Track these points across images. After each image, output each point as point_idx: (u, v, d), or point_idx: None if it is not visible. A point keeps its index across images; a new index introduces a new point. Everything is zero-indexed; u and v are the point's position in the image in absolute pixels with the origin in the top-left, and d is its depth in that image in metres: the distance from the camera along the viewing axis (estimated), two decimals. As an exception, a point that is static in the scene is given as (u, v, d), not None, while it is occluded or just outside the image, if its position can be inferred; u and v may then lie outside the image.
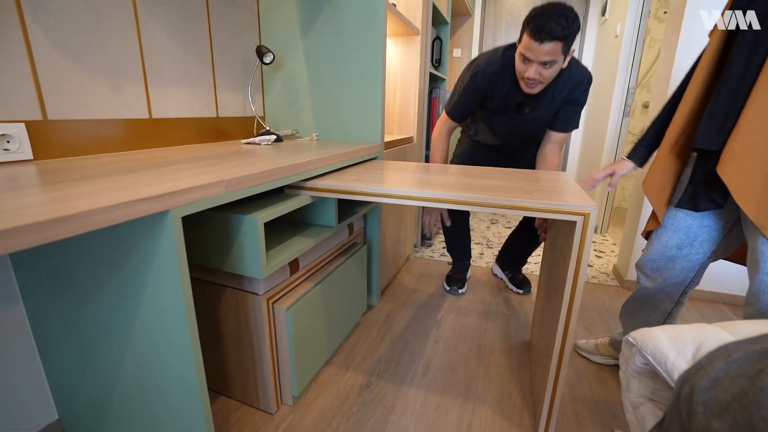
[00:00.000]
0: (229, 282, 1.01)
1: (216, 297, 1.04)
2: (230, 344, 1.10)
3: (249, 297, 0.99)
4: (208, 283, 1.04)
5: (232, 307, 1.03)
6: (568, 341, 0.91)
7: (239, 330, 1.05)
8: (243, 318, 1.03)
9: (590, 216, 0.81)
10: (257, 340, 1.03)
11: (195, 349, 0.70)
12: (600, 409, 1.16)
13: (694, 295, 1.89)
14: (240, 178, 0.76)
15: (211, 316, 1.07)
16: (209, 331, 1.09)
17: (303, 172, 0.99)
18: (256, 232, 0.85)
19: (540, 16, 1.12)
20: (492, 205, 0.88)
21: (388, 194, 0.96)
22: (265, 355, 1.04)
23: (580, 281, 0.86)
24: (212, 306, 1.06)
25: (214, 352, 1.12)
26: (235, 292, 1.00)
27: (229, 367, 1.12)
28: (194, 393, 0.72)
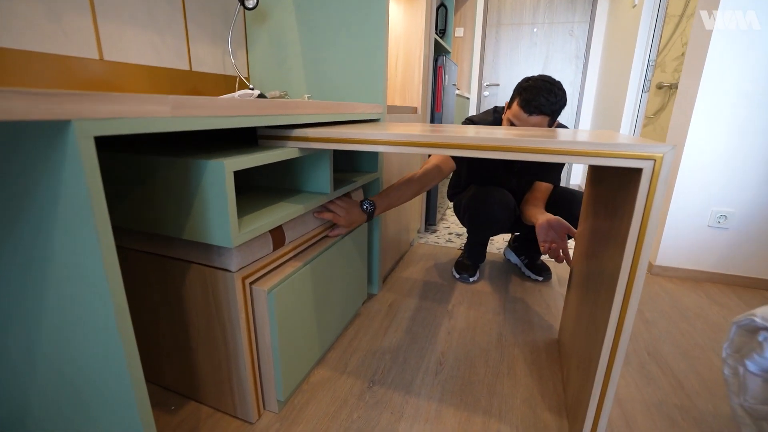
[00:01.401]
0: (193, 256, 0.80)
1: (178, 276, 0.83)
2: (199, 336, 0.88)
3: (219, 274, 0.77)
4: (167, 258, 0.82)
5: (199, 288, 0.81)
6: (620, 347, 0.70)
7: (208, 317, 0.84)
8: (213, 302, 0.81)
9: (664, 160, 0.60)
10: (231, 330, 0.81)
11: (124, 334, 0.48)
12: (653, 412, 0.95)
13: (732, 281, 1.69)
14: (194, 99, 0.55)
15: (172, 301, 0.86)
16: (170, 319, 0.88)
17: (288, 114, 0.77)
18: (222, 183, 0.63)
19: (531, 89, 1.22)
20: (532, 149, 0.67)
21: (399, 140, 0.75)
22: (242, 349, 0.82)
23: (642, 265, 0.65)
24: (174, 287, 0.84)
25: (178, 346, 0.90)
26: (201, 268, 0.79)
27: (199, 366, 0.91)
28: (127, 394, 0.51)
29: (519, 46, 3.61)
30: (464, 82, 3.64)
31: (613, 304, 0.69)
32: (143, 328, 0.93)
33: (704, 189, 1.64)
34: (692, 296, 1.58)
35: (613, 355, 0.72)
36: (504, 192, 1.42)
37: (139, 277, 0.86)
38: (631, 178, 0.67)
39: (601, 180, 0.91)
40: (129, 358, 0.49)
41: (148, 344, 0.95)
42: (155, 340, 0.93)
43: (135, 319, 0.93)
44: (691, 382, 1.06)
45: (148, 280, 0.87)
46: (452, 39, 3.46)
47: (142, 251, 0.85)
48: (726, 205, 1.63)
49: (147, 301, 0.89)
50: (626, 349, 0.71)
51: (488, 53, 3.69)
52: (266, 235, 0.83)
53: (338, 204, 1.06)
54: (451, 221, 2.54)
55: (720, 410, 0.96)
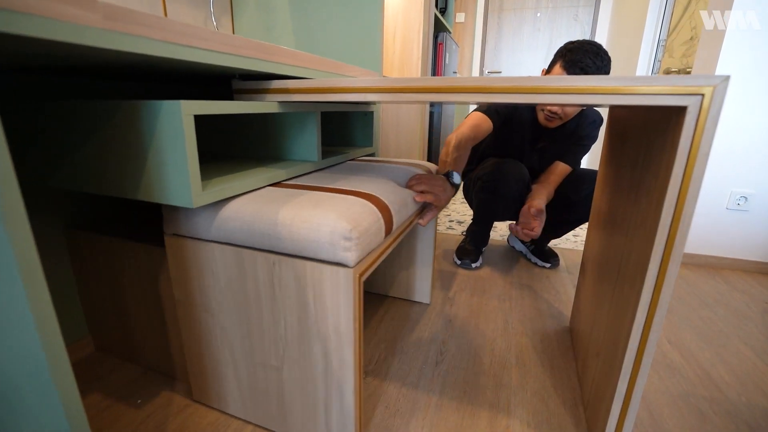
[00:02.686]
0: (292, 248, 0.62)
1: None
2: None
3: (330, 271, 0.59)
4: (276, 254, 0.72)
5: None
6: (651, 336, 0.60)
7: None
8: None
9: (714, 95, 0.49)
10: (338, 344, 0.71)
11: (40, 311, 0.37)
12: (680, 405, 0.85)
13: (753, 267, 1.58)
14: (137, 13, 0.44)
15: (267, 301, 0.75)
16: (272, 322, 0.77)
17: (265, 60, 0.67)
18: (179, 130, 0.53)
19: (577, 50, 1.10)
20: (555, 89, 0.56)
21: (403, 86, 0.64)
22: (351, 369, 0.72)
23: (685, 223, 0.54)
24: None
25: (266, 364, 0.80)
26: (304, 263, 0.61)
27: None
28: (54, 408, 0.40)
29: (521, 31, 3.49)
30: (465, 69, 3.53)
31: (643, 289, 0.59)
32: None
33: (723, 169, 1.53)
34: (711, 282, 1.47)
35: (643, 345, 0.62)
36: (521, 166, 1.32)
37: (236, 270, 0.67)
38: (669, 127, 0.56)
39: (624, 141, 0.81)
40: (56, 373, 0.38)
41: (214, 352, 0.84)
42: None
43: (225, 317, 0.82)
44: (719, 372, 0.96)
45: (245, 274, 0.76)
46: (453, 23, 3.35)
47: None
48: (746, 186, 1.52)
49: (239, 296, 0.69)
50: (658, 337, 0.61)
51: (490, 39, 3.58)
52: (379, 219, 0.66)
53: (431, 181, 0.88)
54: (451, 209, 2.43)
55: (755, 402, 0.86)
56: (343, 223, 0.57)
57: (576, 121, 1.33)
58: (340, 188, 0.72)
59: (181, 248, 0.70)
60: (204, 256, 0.68)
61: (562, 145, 1.37)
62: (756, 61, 1.41)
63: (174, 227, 0.69)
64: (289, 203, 0.63)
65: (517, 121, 1.37)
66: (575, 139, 1.35)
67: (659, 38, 2.34)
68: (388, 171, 0.91)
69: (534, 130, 1.37)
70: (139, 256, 0.80)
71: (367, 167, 0.95)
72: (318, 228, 0.58)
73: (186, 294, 0.73)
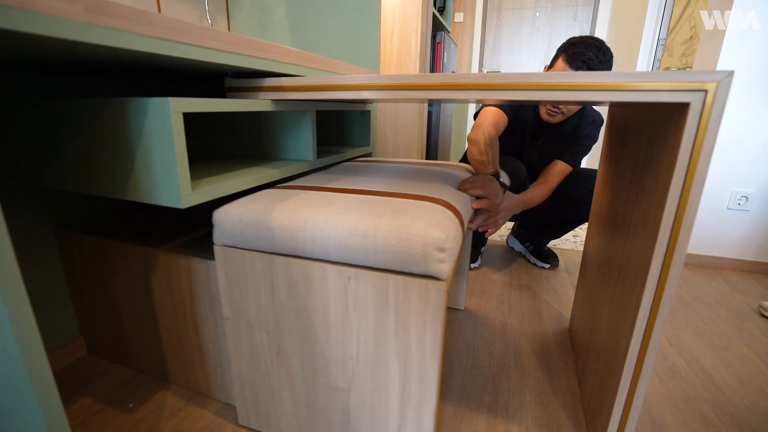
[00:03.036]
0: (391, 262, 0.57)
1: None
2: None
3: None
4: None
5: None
6: (653, 338, 0.59)
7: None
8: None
9: (718, 91, 0.48)
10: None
11: (19, 320, 0.36)
12: (681, 408, 0.83)
13: (754, 268, 1.57)
14: (120, 6, 0.43)
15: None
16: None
17: (257, 57, 0.65)
18: (168, 127, 0.51)
19: (579, 44, 1.09)
20: (555, 86, 0.54)
21: (400, 83, 0.62)
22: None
23: (687, 222, 0.53)
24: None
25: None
26: (395, 278, 0.55)
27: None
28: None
29: (521, 31, 3.48)
30: (464, 68, 3.52)
31: (644, 290, 0.58)
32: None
33: (723, 168, 1.52)
34: (712, 283, 1.46)
35: (645, 347, 0.60)
36: (518, 163, 1.31)
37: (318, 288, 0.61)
38: (671, 124, 0.55)
39: (624, 140, 0.79)
40: (37, 385, 0.37)
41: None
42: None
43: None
44: (721, 374, 0.95)
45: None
46: (452, 23, 3.34)
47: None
48: (747, 185, 1.51)
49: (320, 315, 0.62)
50: (660, 339, 0.59)
51: (489, 39, 3.57)
52: (458, 227, 0.60)
53: (486, 184, 0.82)
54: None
55: (758, 406, 0.84)
56: (437, 232, 0.52)
57: (576, 119, 1.32)
58: (405, 193, 0.68)
59: (234, 260, 0.64)
60: (262, 269, 0.62)
61: (561, 144, 1.36)
62: (756, 60, 1.39)
63: (226, 237, 0.63)
64: (365, 211, 0.58)
65: (519, 117, 1.36)
66: (575, 139, 1.34)
67: (659, 37, 2.33)
68: (436, 174, 0.87)
69: (535, 126, 1.36)
70: (132, 257, 0.79)
71: (408, 170, 0.91)
72: (408, 238, 0.52)
73: (237, 311, 0.66)
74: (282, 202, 0.63)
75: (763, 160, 1.47)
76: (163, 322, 0.81)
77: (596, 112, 1.36)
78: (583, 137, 1.34)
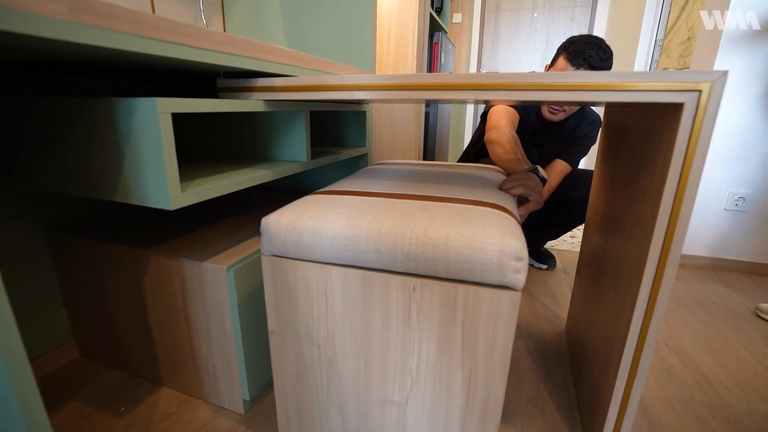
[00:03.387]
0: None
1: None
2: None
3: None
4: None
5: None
6: (649, 340, 0.58)
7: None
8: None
9: (712, 91, 0.47)
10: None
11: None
12: (678, 410, 0.83)
13: (752, 269, 1.57)
14: (105, 5, 0.42)
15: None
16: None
17: (249, 57, 0.64)
18: (156, 128, 0.50)
19: (580, 42, 1.10)
20: (549, 86, 0.54)
21: (394, 83, 0.62)
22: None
23: (682, 224, 0.52)
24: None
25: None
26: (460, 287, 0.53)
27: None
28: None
29: (519, 32, 3.48)
30: (462, 69, 3.51)
31: (640, 291, 0.57)
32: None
33: (720, 169, 1.51)
34: (709, 284, 1.45)
35: (640, 349, 0.60)
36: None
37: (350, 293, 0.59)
38: (665, 125, 0.54)
39: (620, 141, 0.79)
40: (20, 394, 0.36)
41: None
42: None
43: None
44: (718, 376, 0.94)
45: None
46: (450, 23, 3.34)
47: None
48: (744, 186, 1.50)
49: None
50: (655, 341, 0.59)
51: (487, 40, 3.56)
52: (521, 233, 0.56)
53: (528, 182, 0.81)
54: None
55: (755, 408, 0.84)
56: (513, 241, 0.50)
57: (577, 119, 1.33)
58: (459, 198, 0.66)
59: (285, 271, 0.60)
60: (317, 280, 0.59)
61: (561, 143, 1.36)
62: (753, 60, 1.39)
63: (276, 246, 0.59)
64: (431, 219, 0.55)
65: (522, 115, 1.36)
66: (574, 139, 1.34)
67: (656, 38, 2.33)
68: (472, 177, 0.85)
69: (537, 125, 1.36)
70: (124, 260, 0.78)
71: (440, 173, 0.88)
72: (483, 247, 0.50)
73: (284, 324, 0.63)
74: (335, 209, 0.60)
75: (759, 162, 1.46)
76: (155, 325, 0.80)
77: (595, 113, 1.36)
78: (582, 137, 1.34)
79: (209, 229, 0.87)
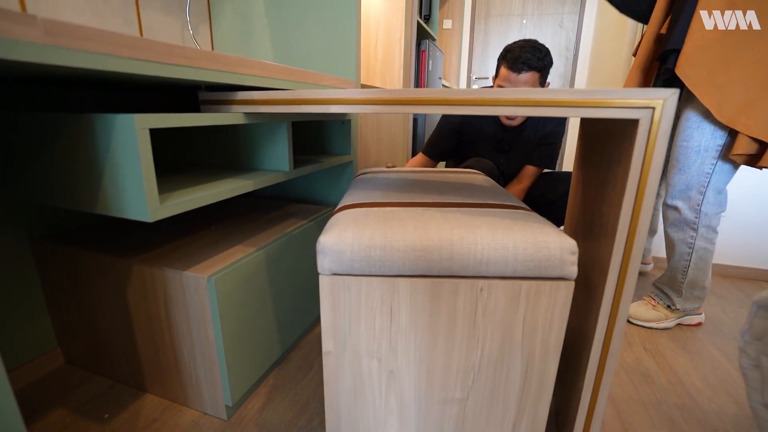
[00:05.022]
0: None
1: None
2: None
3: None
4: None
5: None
6: (614, 341, 0.61)
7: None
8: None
9: (665, 108, 0.50)
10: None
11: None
12: (651, 413, 0.85)
13: (728, 272, 1.60)
14: (79, 28, 0.44)
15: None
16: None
17: (226, 72, 0.66)
18: (134, 144, 0.52)
19: (515, 49, 1.18)
20: (511, 102, 0.56)
21: (366, 98, 0.64)
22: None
23: (641, 233, 0.55)
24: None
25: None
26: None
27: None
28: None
29: (508, 38, 3.53)
30: (453, 74, 3.55)
31: (605, 291, 0.59)
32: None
33: (700, 175, 1.55)
34: (689, 288, 1.49)
35: (606, 350, 0.62)
36: (489, 162, 1.35)
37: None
38: (625, 138, 0.57)
39: (591, 147, 0.81)
40: None
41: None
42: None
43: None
44: (692, 379, 0.97)
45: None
46: (439, 30, 3.38)
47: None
48: (723, 191, 1.54)
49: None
50: (620, 345, 0.61)
51: (477, 45, 3.61)
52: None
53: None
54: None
55: (725, 409, 0.87)
56: (567, 239, 0.58)
57: (537, 119, 1.36)
58: (489, 203, 0.73)
59: (348, 288, 0.59)
60: (381, 293, 0.59)
61: (526, 147, 1.39)
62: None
63: (339, 264, 0.58)
64: (493, 225, 0.60)
65: (477, 128, 1.41)
66: (540, 138, 1.37)
67: (640, 45, 2.38)
68: (470, 184, 0.91)
69: (497, 132, 1.40)
70: (107, 269, 0.79)
71: (439, 180, 0.94)
72: (546, 246, 0.57)
73: (343, 343, 0.62)
74: (393, 222, 0.61)
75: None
76: (138, 332, 0.81)
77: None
78: (547, 136, 1.37)
79: (193, 237, 0.88)
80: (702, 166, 1.05)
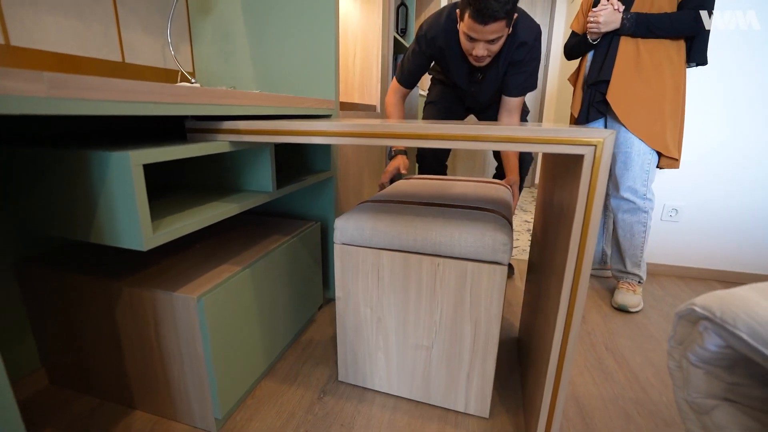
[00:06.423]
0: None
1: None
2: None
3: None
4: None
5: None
6: (570, 341, 0.68)
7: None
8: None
9: (605, 146, 0.58)
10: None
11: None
12: (609, 408, 0.94)
13: (685, 273, 1.74)
14: (81, 79, 0.47)
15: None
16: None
17: (214, 104, 0.71)
18: (129, 179, 0.56)
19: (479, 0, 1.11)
20: (473, 138, 0.63)
21: (344, 131, 0.69)
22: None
23: (590, 244, 0.63)
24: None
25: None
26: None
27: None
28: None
29: (482, 48, 3.64)
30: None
31: (561, 297, 0.67)
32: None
33: (658, 184, 1.68)
34: (648, 288, 1.61)
35: (564, 350, 0.69)
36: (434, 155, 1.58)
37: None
38: (576, 167, 0.65)
39: (554, 173, 0.90)
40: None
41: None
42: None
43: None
44: (646, 374, 1.06)
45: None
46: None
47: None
48: (677, 199, 1.67)
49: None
50: (576, 344, 0.69)
51: (452, 55, 3.71)
52: (507, 225, 0.89)
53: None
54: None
55: (674, 402, 0.96)
56: (501, 234, 0.78)
57: (505, 50, 1.30)
58: (471, 206, 0.95)
59: (350, 254, 0.88)
60: (372, 260, 0.86)
61: (498, 74, 1.36)
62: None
63: (345, 237, 0.88)
64: (449, 219, 0.84)
65: (448, 61, 1.38)
66: (512, 68, 1.34)
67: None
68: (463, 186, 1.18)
69: (469, 66, 1.38)
70: (96, 291, 0.81)
71: (440, 185, 1.21)
72: (483, 237, 0.78)
73: (347, 292, 0.91)
74: (383, 213, 0.88)
75: (690, 176, 1.63)
76: (127, 351, 0.83)
77: (527, 29, 1.28)
78: (519, 63, 1.32)
79: (181, 257, 0.91)
80: (643, 165, 1.36)
